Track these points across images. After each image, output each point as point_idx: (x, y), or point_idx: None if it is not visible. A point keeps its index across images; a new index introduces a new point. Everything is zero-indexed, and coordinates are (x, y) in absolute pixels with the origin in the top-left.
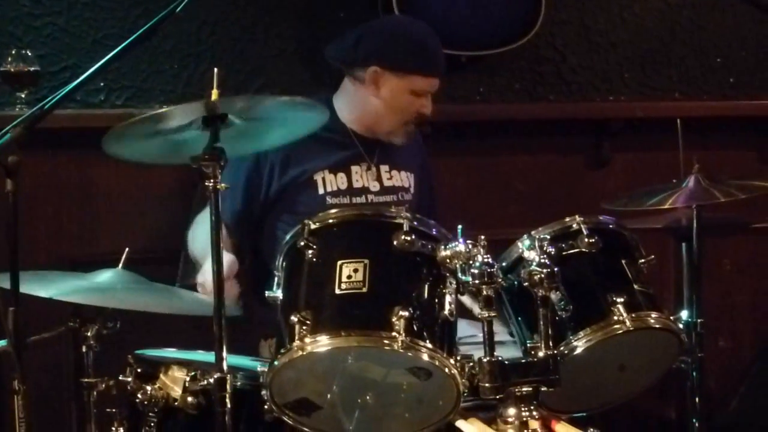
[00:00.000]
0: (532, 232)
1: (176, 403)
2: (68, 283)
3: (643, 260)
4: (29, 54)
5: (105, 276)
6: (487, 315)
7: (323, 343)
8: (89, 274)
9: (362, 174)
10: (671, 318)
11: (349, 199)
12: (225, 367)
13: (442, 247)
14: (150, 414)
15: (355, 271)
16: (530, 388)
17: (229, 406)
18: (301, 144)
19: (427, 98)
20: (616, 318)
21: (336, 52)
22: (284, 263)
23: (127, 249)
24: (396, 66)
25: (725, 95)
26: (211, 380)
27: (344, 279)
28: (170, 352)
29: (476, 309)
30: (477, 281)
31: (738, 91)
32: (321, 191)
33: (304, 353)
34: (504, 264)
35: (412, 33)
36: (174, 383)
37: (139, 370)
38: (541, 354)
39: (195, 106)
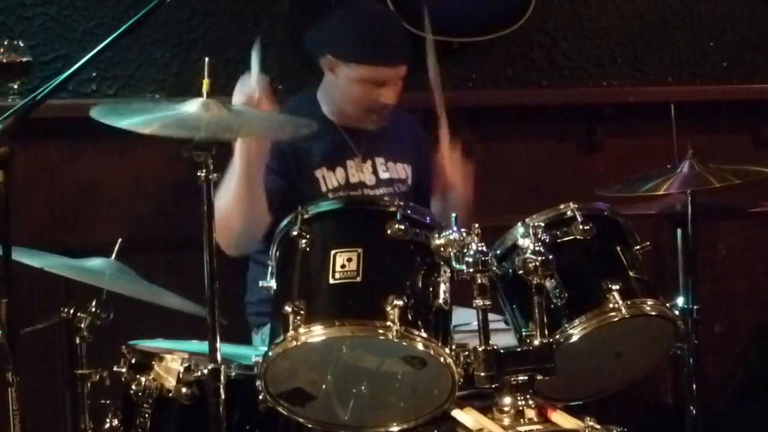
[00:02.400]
0: (526, 220)
1: (170, 394)
2: (60, 260)
3: (638, 247)
4: (21, 44)
5: (96, 262)
6: (482, 303)
7: (317, 332)
8: (81, 260)
9: (357, 168)
10: (667, 305)
11: (346, 194)
12: (219, 358)
13: (436, 235)
14: (144, 405)
15: (349, 260)
16: (526, 377)
17: (223, 396)
18: (300, 140)
19: (388, 87)
20: (611, 305)
21: (306, 40)
22: (277, 252)
23: (120, 239)
24: (342, 56)
25: (719, 79)
26: (205, 371)
27: (338, 268)
28: (164, 343)
29: None
30: (471, 269)
31: (731, 75)
32: (323, 189)
33: (298, 343)
34: (498, 252)
35: (360, 21)
36: (168, 374)
37: (132, 361)
38: (536, 342)
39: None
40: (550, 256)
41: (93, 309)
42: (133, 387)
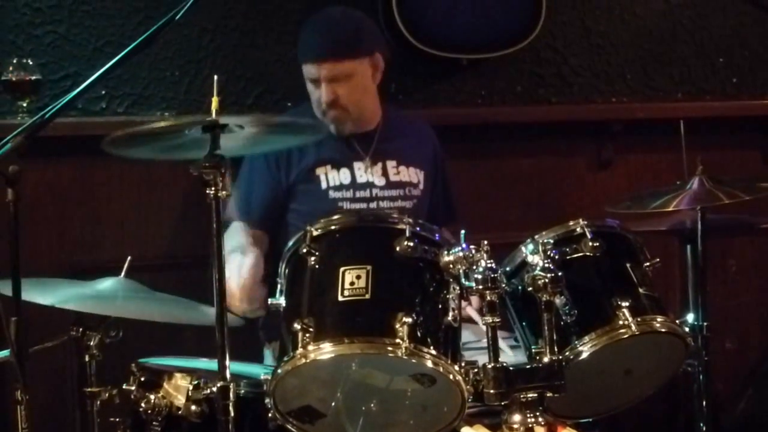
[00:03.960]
0: (536, 236)
1: (180, 412)
2: (70, 291)
3: (647, 263)
4: (30, 63)
5: (107, 284)
6: (491, 320)
7: (326, 350)
8: (91, 282)
9: (366, 169)
10: (677, 322)
11: (352, 193)
12: (228, 376)
13: (445, 252)
14: (153, 423)
15: (358, 277)
16: (535, 394)
17: (232, 414)
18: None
19: (321, 86)
20: (621, 322)
21: None
22: (286, 270)
23: (129, 257)
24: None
25: (728, 95)
26: (215, 388)
27: (347, 286)
28: (173, 360)
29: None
30: (480, 286)
31: (741, 91)
32: (324, 186)
33: (308, 361)
34: (507, 269)
35: (313, 22)
36: (177, 391)
37: (142, 379)
38: (546, 359)
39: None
40: (560, 273)
41: (102, 327)
42: (143, 405)
